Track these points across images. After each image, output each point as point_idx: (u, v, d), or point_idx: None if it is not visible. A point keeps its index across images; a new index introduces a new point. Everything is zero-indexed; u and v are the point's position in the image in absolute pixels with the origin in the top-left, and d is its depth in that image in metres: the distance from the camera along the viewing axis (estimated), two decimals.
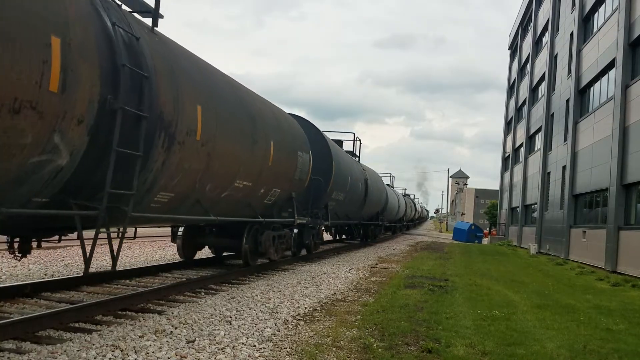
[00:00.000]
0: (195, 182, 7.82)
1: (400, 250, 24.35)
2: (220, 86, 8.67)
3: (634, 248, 16.14)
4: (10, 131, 4.42)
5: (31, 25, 4.51)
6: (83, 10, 5.39)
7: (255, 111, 9.84)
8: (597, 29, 22.14)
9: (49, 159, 5.00)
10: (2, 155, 4.47)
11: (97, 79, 5.38)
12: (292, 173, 11.73)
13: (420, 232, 59.49)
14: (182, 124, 6.99)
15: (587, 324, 8.10)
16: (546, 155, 29.68)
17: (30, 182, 5.02)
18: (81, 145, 5.35)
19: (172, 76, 6.87)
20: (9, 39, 4.27)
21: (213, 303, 7.84)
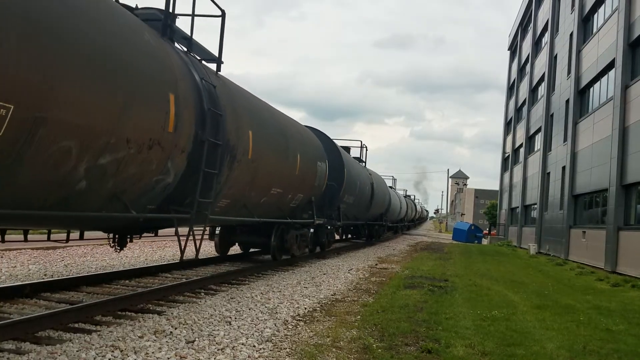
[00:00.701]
0: (245, 190, 9.63)
1: (400, 250, 24.35)
2: (263, 112, 10.57)
3: (633, 248, 16.14)
4: (146, 161, 6.29)
5: (158, 88, 6.35)
6: (183, 71, 7.26)
7: (286, 130, 11.66)
8: (597, 30, 22.15)
9: (163, 178, 6.92)
10: (138, 177, 6.37)
11: (192, 119, 7.26)
12: (312, 180, 13.41)
13: (420, 233, 59.49)
14: (240, 147, 8.83)
15: (586, 324, 8.10)
16: (546, 156, 29.68)
17: (150, 195, 6.93)
18: (182, 167, 7.25)
19: (234, 111, 8.71)
20: (148, 100, 6.13)
21: (213, 303, 7.84)
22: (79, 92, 4.93)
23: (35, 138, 4.59)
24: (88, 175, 5.51)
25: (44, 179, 5.08)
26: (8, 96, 4.06)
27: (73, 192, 5.55)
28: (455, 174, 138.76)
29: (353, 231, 27.00)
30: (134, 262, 12.61)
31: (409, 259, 19.14)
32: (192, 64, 7.80)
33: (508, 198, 42.54)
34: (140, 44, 6.17)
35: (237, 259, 13.93)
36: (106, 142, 5.47)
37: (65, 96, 4.76)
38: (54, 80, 4.58)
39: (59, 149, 4.92)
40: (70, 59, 4.78)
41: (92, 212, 6.11)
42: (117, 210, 6.44)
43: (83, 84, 4.98)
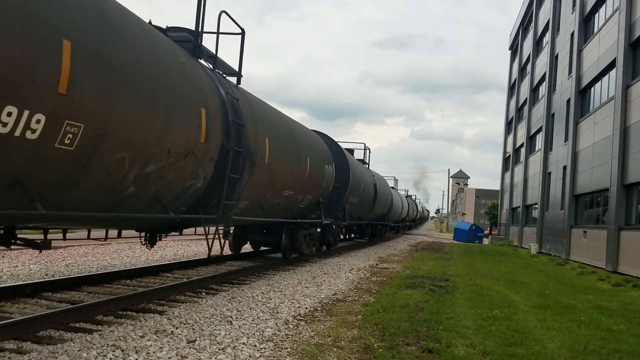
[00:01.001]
0: (261, 192, 10.47)
1: (401, 250, 24.35)
2: (277, 120, 11.40)
3: (634, 248, 16.13)
4: (182, 169, 7.23)
5: (193, 105, 7.22)
6: (212, 87, 8.12)
7: (297, 136, 12.44)
8: (598, 29, 22.13)
9: (194, 183, 7.81)
10: (175, 182, 7.29)
11: (220, 131, 8.11)
12: (321, 182, 14.19)
13: (420, 232, 59.49)
14: (259, 153, 9.64)
15: (587, 324, 8.10)
16: (547, 156, 29.67)
17: (183, 198, 7.83)
18: (210, 173, 8.12)
19: (253, 121, 9.51)
20: (185, 116, 7.02)
21: (214, 303, 7.84)
22: (131, 114, 5.84)
23: (98, 151, 5.46)
24: (136, 181, 6.41)
25: (102, 186, 5.95)
26: (80, 118, 5.02)
27: (123, 196, 6.41)
28: (456, 173, 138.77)
29: (356, 231, 27.59)
30: (135, 262, 12.61)
31: (410, 259, 19.14)
32: (218, 80, 8.69)
33: (509, 198, 42.52)
34: (178, 68, 7.13)
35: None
36: (152, 153, 6.39)
37: (121, 117, 5.66)
38: (113, 104, 5.49)
39: (115, 160, 5.80)
40: (126, 88, 5.71)
41: (136, 213, 7.00)
42: (156, 212, 7.30)
43: (135, 107, 5.90)
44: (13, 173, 4.74)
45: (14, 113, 4.38)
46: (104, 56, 5.33)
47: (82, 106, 5.02)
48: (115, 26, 5.68)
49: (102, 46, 5.32)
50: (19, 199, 4.96)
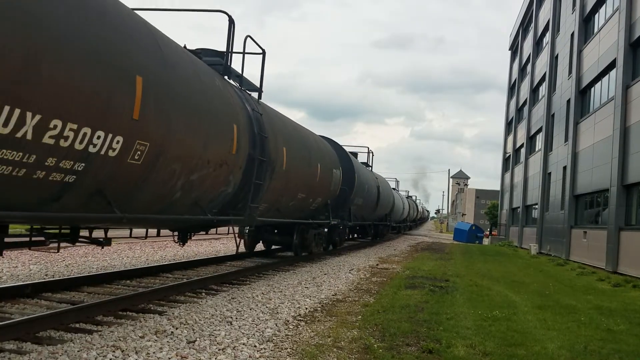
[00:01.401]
0: (279, 196, 11.45)
1: (401, 250, 24.35)
2: (291, 130, 12.42)
3: (634, 249, 16.13)
4: (217, 176, 8.31)
5: (227, 122, 8.38)
6: (240, 105, 9.27)
7: (308, 143, 13.50)
8: (598, 30, 22.14)
9: (226, 189, 8.91)
10: (211, 188, 8.40)
11: (247, 143, 9.19)
12: (329, 185, 15.18)
13: (421, 233, 59.49)
14: (278, 161, 10.67)
15: (588, 324, 8.10)
16: (547, 156, 29.68)
17: (216, 201, 8.92)
18: (239, 180, 9.17)
19: (273, 133, 10.52)
20: (221, 131, 8.14)
21: (214, 303, 7.84)
22: (183, 133, 6.97)
23: (157, 164, 6.53)
24: (182, 188, 7.52)
25: (158, 192, 7.03)
26: (146, 138, 6.14)
27: (171, 200, 7.51)
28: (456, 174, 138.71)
29: (359, 231, 28.23)
30: (135, 262, 12.61)
31: (410, 259, 19.14)
32: (244, 98, 9.79)
33: (509, 198, 42.53)
34: (215, 91, 8.21)
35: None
36: (196, 164, 7.51)
37: (175, 136, 6.76)
38: (170, 126, 6.60)
39: (168, 171, 6.88)
40: (179, 112, 6.84)
41: (180, 215, 8.12)
42: (195, 214, 8.45)
43: (185, 128, 7.03)
44: (97, 184, 5.80)
45: (102, 136, 5.42)
46: (164, 88, 6.47)
47: (148, 128, 6.14)
48: (172, 64, 6.86)
49: (163, 80, 6.47)
50: (100, 204, 6.09)
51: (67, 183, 5.36)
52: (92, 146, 5.32)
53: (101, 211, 6.17)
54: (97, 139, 5.35)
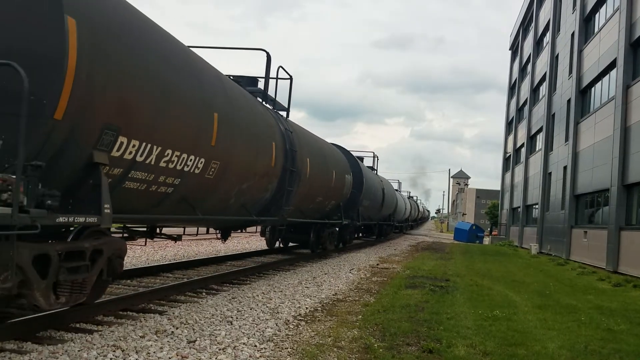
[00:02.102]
0: (302, 199, 13.04)
1: (402, 250, 24.35)
2: (312, 142, 14.17)
3: (635, 248, 16.12)
4: (261, 185, 10.20)
5: (268, 140, 10.21)
6: (276, 126, 11.06)
7: (325, 152, 15.39)
8: (598, 29, 22.13)
9: (265, 195, 10.76)
10: (255, 195, 10.26)
11: (282, 157, 11.02)
12: (342, 189, 16.88)
13: (421, 232, 59.48)
14: (303, 170, 12.39)
15: (588, 324, 8.10)
16: (547, 156, 29.66)
17: (257, 205, 10.77)
18: (274, 187, 11.02)
19: (300, 146, 12.22)
20: (264, 148, 9.92)
21: (214, 303, 7.84)
22: (241, 153, 8.88)
23: (223, 177, 8.34)
24: (236, 195, 9.35)
25: (220, 198, 8.89)
26: (218, 158, 7.95)
27: (227, 205, 9.38)
28: (457, 173, 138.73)
29: (365, 230, 29.12)
30: (136, 262, 12.61)
31: (410, 259, 19.14)
32: (278, 119, 11.60)
33: (509, 198, 42.51)
34: (259, 116, 10.09)
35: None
36: (247, 176, 9.39)
37: (236, 156, 8.66)
38: (233, 148, 8.45)
39: (229, 182, 8.75)
40: (239, 138, 8.68)
41: (231, 216, 9.99)
42: (242, 215, 10.30)
43: (243, 149, 8.93)
44: (183, 193, 7.51)
45: (192, 159, 7.22)
46: (230, 120, 8.29)
47: (220, 151, 7.96)
48: (233, 99, 8.71)
49: (229, 114, 8.28)
50: (185, 208, 7.89)
51: (167, 193, 7.13)
52: (186, 166, 7.16)
53: (186, 213, 8.09)
54: (190, 161, 7.21)
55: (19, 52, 4.70)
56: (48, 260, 5.08)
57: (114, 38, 5.58)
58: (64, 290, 5.38)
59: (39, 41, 4.81)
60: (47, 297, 5.18)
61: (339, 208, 17.40)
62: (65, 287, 5.38)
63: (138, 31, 6.19)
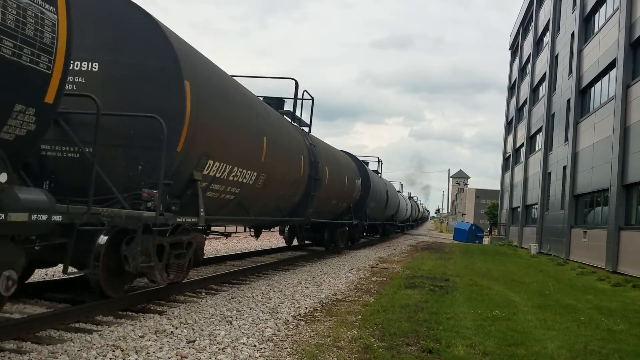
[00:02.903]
0: (321, 202, 14.99)
1: (401, 250, 24.35)
2: (329, 152, 16.30)
3: (634, 248, 16.13)
4: (292, 191, 12.45)
5: (299, 154, 12.35)
6: (303, 141, 13.20)
7: (340, 161, 17.62)
8: (598, 29, 22.13)
9: (294, 199, 12.94)
10: (288, 199, 12.46)
11: (308, 167, 13.14)
12: (352, 193, 19.10)
13: (420, 232, 59.49)
14: (322, 177, 14.36)
15: (587, 324, 8.10)
16: (547, 156, 29.67)
17: (288, 208, 12.97)
18: (302, 193, 13.18)
19: (320, 157, 14.28)
20: (296, 161, 12.15)
21: (214, 303, 7.84)
22: (280, 166, 11.08)
23: (268, 186, 10.51)
24: (274, 199, 11.67)
25: (264, 203, 11.07)
26: (265, 171, 9.99)
27: (268, 207, 11.56)
28: (456, 173, 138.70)
29: (370, 229, 30.08)
30: None
31: (410, 259, 19.14)
32: (304, 135, 13.80)
33: (509, 198, 42.52)
34: (291, 134, 12.36)
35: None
36: (283, 184, 11.62)
37: (277, 168, 10.83)
38: (275, 163, 10.60)
39: (271, 190, 10.90)
40: (280, 154, 10.93)
41: (269, 217, 12.19)
42: (276, 216, 12.64)
43: (281, 162, 11.09)
44: (240, 199, 9.58)
45: (249, 173, 9.40)
46: (273, 140, 10.43)
47: (267, 166, 10.07)
48: (274, 123, 10.98)
49: (273, 135, 10.45)
50: (240, 211, 9.98)
51: (229, 200, 9.22)
52: (244, 179, 9.27)
53: (241, 215, 10.24)
54: (247, 175, 9.35)
55: (157, 108, 6.64)
56: (162, 249, 7.10)
57: (207, 91, 7.73)
58: (172, 270, 7.55)
59: (170, 99, 6.87)
60: (162, 275, 7.26)
61: (350, 209, 19.37)
62: (173, 268, 7.57)
63: (219, 83, 8.49)
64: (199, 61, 8.04)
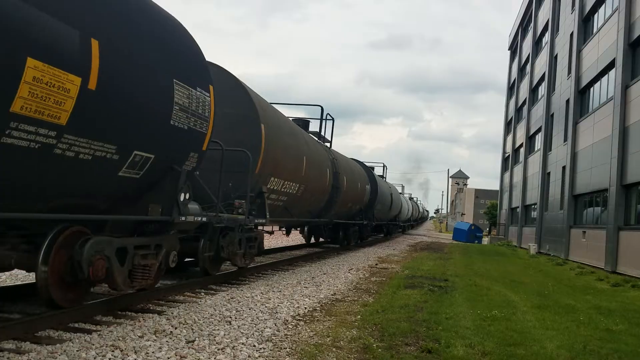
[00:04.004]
0: (340, 206, 17.69)
1: (401, 250, 24.35)
2: (345, 163, 19.09)
3: (633, 248, 16.14)
4: (321, 197, 15.77)
5: (325, 168, 15.41)
6: (327, 156, 16.09)
7: (354, 169, 20.58)
8: (597, 30, 22.15)
9: (321, 204, 16.04)
10: (316, 203, 15.55)
11: (331, 178, 16.09)
12: (363, 197, 22.05)
13: (420, 232, 59.48)
14: (341, 185, 17.24)
15: (587, 324, 8.10)
16: (546, 156, 29.68)
17: (316, 210, 16.06)
18: (326, 199, 16.22)
19: (340, 168, 17.22)
20: (323, 174, 15.24)
21: (213, 303, 7.83)
22: (313, 177, 13.76)
23: (305, 193, 13.43)
24: (308, 204, 14.40)
25: (301, 206, 13.98)
26: (304, 182, 13.06)
27: (303, 211, 14.34)
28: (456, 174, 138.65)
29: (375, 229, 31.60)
30: None
31: (409, 259, 19.14)
32: (327, 150, 16.73)
33: (508, 198, 42.54)
34: (320, 152, 15.17)
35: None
36: (315, 192, 14.25)
37: (311, 179, 13.66)
38: (311, 174, 13.51)
39: (307, 196, 13.68)
40: (314, 168, 13.78)
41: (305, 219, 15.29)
42: (308, 218, 15.39)
43: (314, 174, 13.76)
44: (286, 204, 12.58)
45: (294, 184, 12.37)
46: (311, 159, 13.40)
47: (305, 178, 12.98)
48: (310, 146, 14.02)
49: (310, 155, 13.38)
50: (285, 214, 12.99)
51: (279, 205, 12.20)
52: (290, 189, 12.31)
53: (286, 217, 13.27)
54: (292, 186, 12.40)
55: (242, 143, 9.76)
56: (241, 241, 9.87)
57: (273, 129, 11.04)
58: (248, 257, 10.32)
59: (251, 137, 10.23)
60: (242, 259, 10.03)
61: (361, 211, 22.43)
62: (247, 255, 10.28)
63: (277, 121, 11.77)
64: (267, 107, 11.60)
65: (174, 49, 6.90)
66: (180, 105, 6.72)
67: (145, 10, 6.46)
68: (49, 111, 4.80)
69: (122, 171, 6.13)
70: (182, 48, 7.14)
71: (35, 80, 4.57)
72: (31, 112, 4.64)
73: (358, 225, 22.37)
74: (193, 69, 7.25)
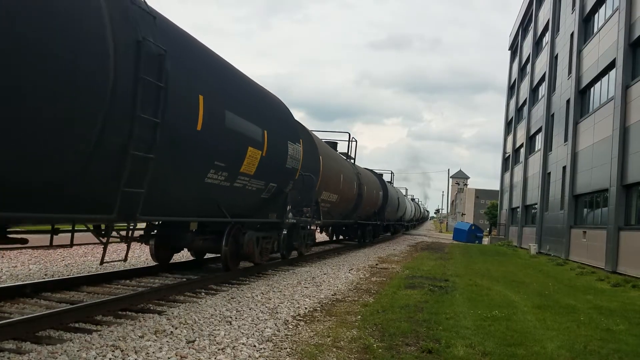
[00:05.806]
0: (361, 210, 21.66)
1: (401, 250, 24.35)
2: (365, 175, 22.84)
3: (634, 248, 16.13)
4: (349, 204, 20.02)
5: (353, 180, 19.85)
6: (354, 171, 20.60)
7: (370, 179, 24.24)
8: (598, 30, 22.14)
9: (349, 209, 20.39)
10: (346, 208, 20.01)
11: (357, 188, 20.40)
12: (377, 202, 25.91)
13: (420, 233, 59.49)
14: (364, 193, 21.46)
15: (587, 324, 8.10)
16: (546, 156, 29.67)
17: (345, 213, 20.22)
18: (353, 204, 20.42)
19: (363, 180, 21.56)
20: (352, 186, 19.65)
21: (213, 303, 7.83)
22: (346, 189, 18.32)
23: (340, 202, 17.96)
24: (341, 209, 18.76)
25: (337, 212, 18.51)
26: (339, 193, 17.49)
27: (337, 214, 18.66)
28: (456, 174, 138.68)
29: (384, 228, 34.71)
30: (135, 261, 12.61)
31: (410, 259, 19.14)
32: (353, 166, 20.58)
33: (509, 198, 42.51)
34: (349, 168, 19.67)
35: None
36: (346, 200, 18.81)
37: (344, 191, 18.09)
38: (343, 189, 17.95)
39: (341, 203, 18.19)
40: (346, 182, 18.21)
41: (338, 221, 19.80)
42: (340, 219, 19.74)
43: (346, 187, 18.34)
44: (328, 210, 16.95)
45: (334, 195, 17.04)
46: (345, 176, 18.01)
47: (341, 190, 17.60)
48: (344, 165, 18.68)
49: (344, 173, 17.84)
50: (327, 216, 16.93)
51: (324, 211, 15.93)
52: (332, 198, 16.66)
53: (328, 218, 16.45)
54: (333, 196, 16.77)
55: (308, 168, 13.64)
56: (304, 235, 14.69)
57: (326, 156, 15.40)
58: (308, 248, 14.89)
59: (313, 164, 14.31)
60: (305, 248, 14.85)
61: (375, 213, 26.33)
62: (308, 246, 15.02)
63: (327, 150, 16.16)
64: (321, 142, 16.09)
65: (284, 120, 11.58)
66: (289, 155, 11.39)
67: (275, 101, 11.55)
68: (249, 169, 9.45)
69: (263, 194, 10.63)
70: (287, 118, 11.86)
71: (248, 156, 9.25)
72: (245, 170, 9.32)
73: (372, 225, 26.24)
74: (292, 131, 11.94)
